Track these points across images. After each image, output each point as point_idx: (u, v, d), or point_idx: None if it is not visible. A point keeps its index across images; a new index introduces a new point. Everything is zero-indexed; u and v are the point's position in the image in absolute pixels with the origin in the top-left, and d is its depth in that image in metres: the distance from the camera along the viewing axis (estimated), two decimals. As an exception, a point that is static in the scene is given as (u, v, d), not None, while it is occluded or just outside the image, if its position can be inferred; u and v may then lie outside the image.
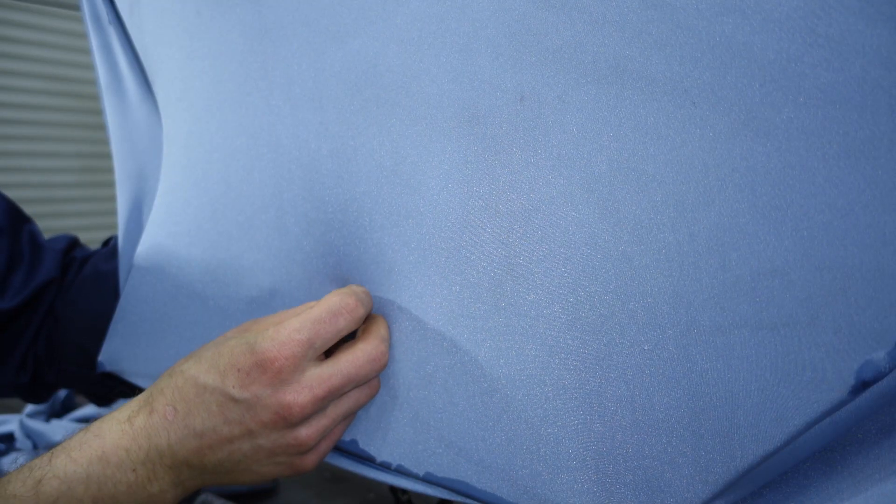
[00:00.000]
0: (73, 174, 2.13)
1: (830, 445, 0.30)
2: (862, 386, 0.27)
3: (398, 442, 0.40)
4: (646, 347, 0.32)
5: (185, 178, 0.55)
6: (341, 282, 0.46)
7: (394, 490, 0.60)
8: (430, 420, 0.39)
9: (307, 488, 0.82)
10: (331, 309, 0.38)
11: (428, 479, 0.39)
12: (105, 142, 0.73)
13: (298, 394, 0.36)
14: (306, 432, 0.37)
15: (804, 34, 0.27)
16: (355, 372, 0.38)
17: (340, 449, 0.44)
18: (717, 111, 0.30)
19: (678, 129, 0.31)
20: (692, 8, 0.30)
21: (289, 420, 0.36)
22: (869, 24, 0.26)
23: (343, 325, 0.38)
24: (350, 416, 0.40)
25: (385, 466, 0.41)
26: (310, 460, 0.38)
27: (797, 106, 0.28)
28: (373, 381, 0.40)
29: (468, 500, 0.38)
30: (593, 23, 0.33)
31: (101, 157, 2.14)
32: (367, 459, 0.42)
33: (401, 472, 0.40)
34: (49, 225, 2.15)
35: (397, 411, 0.41)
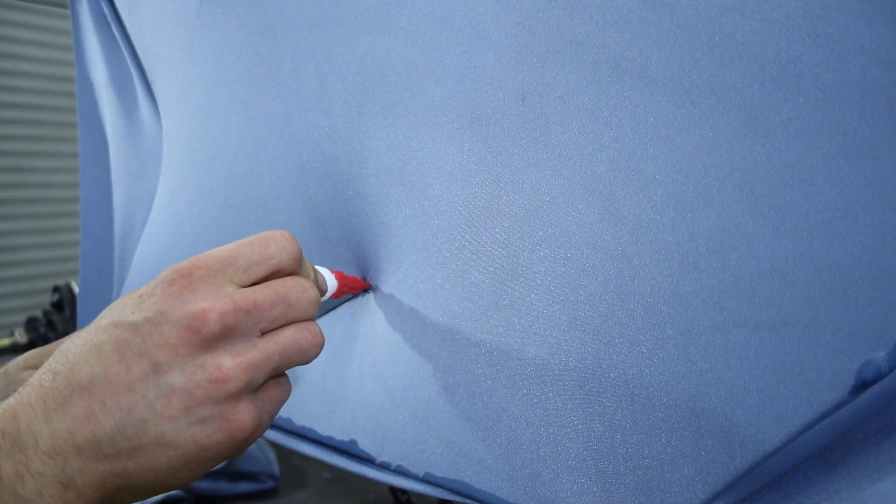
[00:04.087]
0: (73, 174, 2.13)
1: (830, 445, 0.30)
2: (862, 386, 0.27)
3: (398, 442, 0.40)
4: (645, 348, 0.32)
5: (188, 178, 0.55)
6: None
7: (394, 490, 0.60)
8: (430, 420, 0.39)
9: (307, 488, 0.82)
10: (262, 235, 0.31)
11: (427, 480, 0.39)
12: (105, 142, 0.73)
13: (216, 300, 0.28)
14: (230, 361, 0.28)
15: (804, 34, 0.27)
16: (284, 292, 0.30)
17: (340, 449, 0.44)
18: (716, 111, 0.30)
19: (678, 129, 0.31)
20: (692, 8, 0.30)
21: (203, 333, 0.27)
22: (869, 24, 0.26)
23: (274, 251, 0.31)
24: (287, 366, 0.31)
25: (385, 466, 0.41)
26: (245, 415, 0.28)
27: (797, 106, 0.28)
28: (312, 325, 0.32)
29: (468, 501, 0.38)
30: (594, 24, 0.33)
31: (101, 158, 2.14)
32: (367, 459, 0.42)
33: (400, 472, 0.40)
34: (49, 225, 2.15)
35: (397, 411, 0.41)
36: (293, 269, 0.32)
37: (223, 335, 0.28)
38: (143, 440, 0.27)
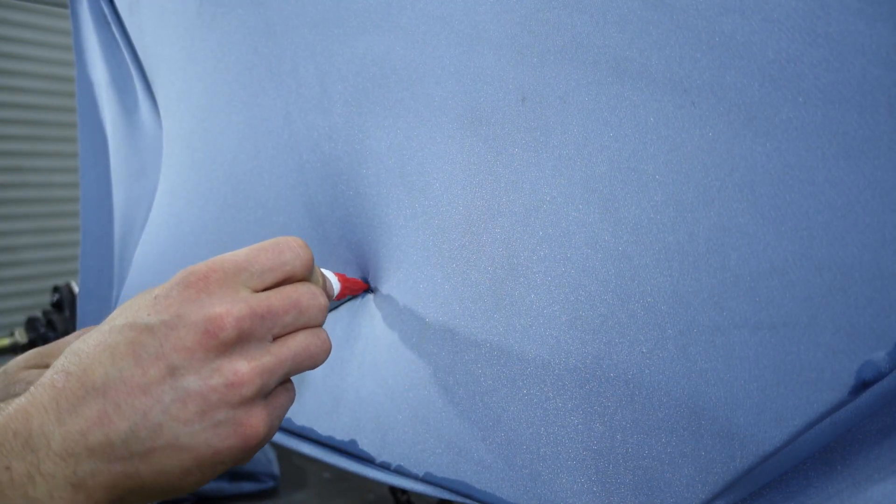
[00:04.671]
0: (73, 174, 2.13)
1: (830, 446, 0.30)
2: (862, 386, 0.27)
3: (398, 442, 0.40)
4: (645, 348, 0.32)
5: (188, 178, 0.55)
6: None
7: (394, 490, 0.60)
8: (430, 420, 0.39)
9: (307, 488, 0.82)
10: (276, 241, 0.32)
11: (427, 480, 0.39)
12: (105, 142, 0.73)
13: (232, 305, 0.28)
14: (246, 366, 0.28)
15: (804, 34, 0.27)
16: (297, 298, 0.30)
17: (340, 449, 0.44)
18: (716, 111, 0.30)
19: (678, 129, 0.31)
20: (692, 8, 0.30)
21: (220, 338, 0.27)
22: (869, 24, 0.26)
23: (288, 258, 0.31)
24: (297, 371, 0.32)
25: (385, 466, 0.41)
26: (258, 419, 0.29)
27: (797, 106, 0.28)
28: (321, 332, 0.32)
29: (468, 501, 0.38)
30: (594, 24, 0.33)
31: (101, 158, 2.14)
32: (367, 460, 0.42)
33: (400, 472, 0.40)
34: (49, 225, 2.15)
35: (396, 411, 0.41)
36: (304, 275, 0.32)
37: (239, 340, 0.28)
38: (157, 443, 0.26)
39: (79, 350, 0.27)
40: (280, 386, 0.31)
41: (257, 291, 0.30)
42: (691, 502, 0.31)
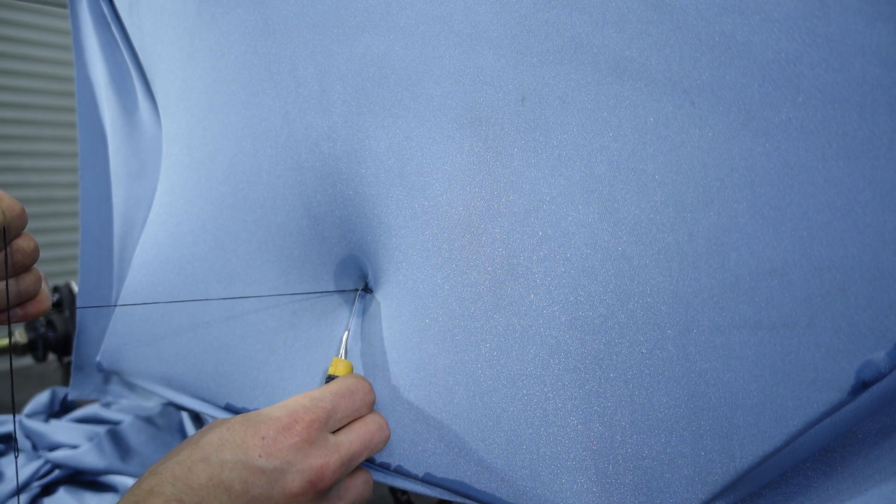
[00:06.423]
0: (73, 174, 2.13)
1: (830, 446, 0.30)
2: (862, 386, 0.27)
3: (398, 442, 0.40)
4: (645, 348, 0.32)
5: (187, 178, 0.55)
6: (347, 283, 0.46)
7: (393, 490, 0.60)
8: (430, 420, 0.39)
9: (307, 488, 0.82)
10: (349, 387, 0.38)
11: (427, 480, 0.39)
12: (105, 142, 0.73)
13: (328, 457, 0.35)
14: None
15: (803, 34, 0.27)
16: (369, 438, 0.38)
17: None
18: (716, 111, 0.30)
19: (678, 129, 0.31)
20: (692, 8, 0.30)
21: (319, 487, 0.34)
22: (868, 24, 0.26)
23: (359, 404, 0.38)
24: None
25: (384, 467, 0.41)
26: None
27: (796, 106, 0.28)
28: (367, 475, 0.40)
29: (467, 501, 0.38)
30: (594, 23, 0.33)
31: (101, 157, 2.14)
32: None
33: (400, 472, 0.40)
34: (49, 225, 2.15)
35: (397, 412, 0.41)
36: (369, 412, 0.40)
37: (332, 484, 0.35)
38: None
39: (191, 481, 0.31)
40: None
41: (335, 431, 0.37)
42: (691, 502, 0.31)
